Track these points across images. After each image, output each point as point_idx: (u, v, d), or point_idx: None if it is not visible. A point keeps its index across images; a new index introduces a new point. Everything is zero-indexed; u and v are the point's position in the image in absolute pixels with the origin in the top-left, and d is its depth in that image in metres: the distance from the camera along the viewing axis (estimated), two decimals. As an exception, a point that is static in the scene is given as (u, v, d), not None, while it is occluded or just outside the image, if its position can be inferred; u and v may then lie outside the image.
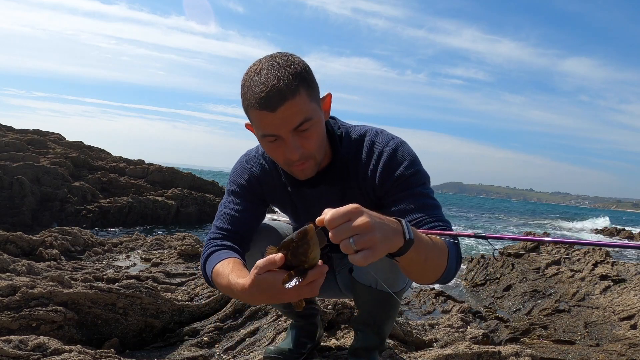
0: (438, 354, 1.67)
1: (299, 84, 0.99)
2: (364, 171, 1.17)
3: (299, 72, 1.00)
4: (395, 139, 1.17)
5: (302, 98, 0.99)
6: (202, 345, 2.00)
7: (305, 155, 1.05)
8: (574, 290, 3.95)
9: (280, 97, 0.96)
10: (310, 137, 1.04)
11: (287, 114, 0.98)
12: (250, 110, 1.02)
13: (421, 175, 1.13)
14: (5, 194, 7.74)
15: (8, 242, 3.12)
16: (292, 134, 1.01)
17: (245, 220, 1.25)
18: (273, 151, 1.07)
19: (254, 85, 0.99)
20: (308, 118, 1.01)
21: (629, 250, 12.27)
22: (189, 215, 10.36)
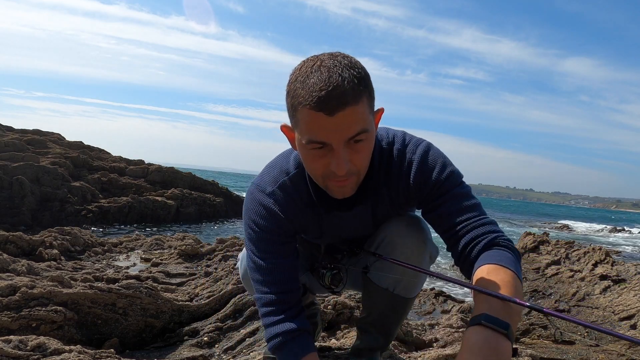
0: (438, 354, 1.67)
1: (364, 90, 0.88)
2: (396, 182, 1.10)
3: (363, 77, 0.89)
4: (422, 144, 1.10)
5: (363, 106, 0.89)
6: (202, 345, 2.00)
7: (351, 171, 0.94)
8: (574, 290, 3.95)
9: (341, 100, 0.85)
10: (361, 151, 0.93)
11: (346, 120, 0.87)
12: (300, 109, 0.88)
13: (456, 175, 1.07)
14: (5, 194, 7.73)
15: (8, 242, 3.12)
16: (344, 144, 0.90)
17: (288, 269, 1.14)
18: (314, 161, 0.94)
19: (311, 80, 0.86)
20: (365, 129, 0.90)
21: (629, 249, 12.28)
22: (188, 215, 10.36)
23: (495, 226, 1.02)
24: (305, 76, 0.88)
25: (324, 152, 0.92)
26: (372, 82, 0.93)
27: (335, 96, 0.84)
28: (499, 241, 0.98)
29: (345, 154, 0.91)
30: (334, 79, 0.85)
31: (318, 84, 0.85)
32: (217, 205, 11.27)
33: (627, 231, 21.02)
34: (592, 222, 34.09)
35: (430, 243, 1.21)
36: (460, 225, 1.01)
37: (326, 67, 0.87)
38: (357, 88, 0.86)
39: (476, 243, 0.98)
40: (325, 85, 0.85)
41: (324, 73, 0.86)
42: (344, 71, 0.86)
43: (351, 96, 0.85)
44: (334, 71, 0.86)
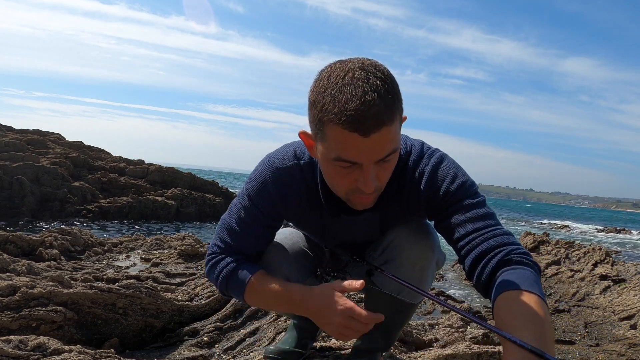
0: (438, 354, 1.67)
1: (397, 106, 0.84)
2: (407, 192, 1.08)
3: (396, 92, 0.84)
4: (436, 155, 1.07)
5: (396, 125, 0.84)
6: (202, 345, 2.00)
7: (377, 188, 0.93)
8: (574, 290, 3.95)
9: (378, 121, 0.80)
10: (388, 168, 0.91)
11: (380, 142, 0.82)
12: (329, 125, 0.83)
13: (468, 185, 1.03)
14: (5, 194, 7.73)
15: (8, 242, 3.12)
16: (374, 164, 0.87)
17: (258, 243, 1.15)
18: (340, 177, 0.90)
19: (343, 95, 0.80)
20: (395, 149, 0.87)
21: (629, 250, 12.29)
22: (188, 215, 10.36)
23: (510, 237, 0.96)
24: (337, 89, 0.81)
25: (351, 170, 0.88)
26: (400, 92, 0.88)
27: (371, 117, 0.79)
28: (512, 257, 0.90)
29: (373, 173, 0.88)
30: (370, 96, 0.79)
31: (352, 102, 0.79)
32: (217, 205, 11.27)
33: (627, 231, 21.03)
34: (592, 222, 34.09)
35: (437, 250, 1.20)
36: (470, 236, 0.96)
37: (360, 81, 0.80)
38: (392, 106, 0.82)
39: (489, 258, 0.92)
40: (360, 104, 0.78)
41: (359, 88, 0.79)
42: (378, 87, 0.80)
43: (387, 116, 0.81)
44: (368, 86, 0.80)
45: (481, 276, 0.92)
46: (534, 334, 0.71)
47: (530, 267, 0.90)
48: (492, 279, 0.91)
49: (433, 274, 1.23)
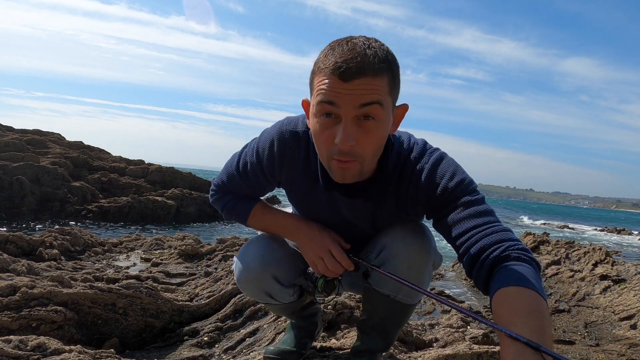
0: (438, 354, 1.67)
1: (386, 68, 0.88)
2: (405, 190, 1.09)
3: (389, 60, 0.90)
4: (435, 154, 1.08)
5: (382, 81, 0.88)
6: (202, 345, 2.00)
7: (354, 153, 0.92)
8: (574, 290, 3.95)
9: (360, 68, 0.85)
10: (369, 132, 0.91)
11: (360, 88, 0.86)
12: (317, 74, 0.90)
13: (466, 183, 1.03)
14: (5, 194, 7.74)
15: (8, 242, 3.12)
16: (353, 118, 0.89)
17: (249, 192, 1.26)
18: (322, 132, 0.93)
19: (335, 51, 0.88)
20: (378, 101, 0.88)
21: (629, 250, 12.29)
22: (189, 215, 10.37)
23: (509, 233, 0.95)
24: (332, 48, 0.89)
25: (332, 122, 0.91)
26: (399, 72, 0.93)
27: (354, 64, 0.85)
28: (511, 252, 0.90)
29: (352, 129, 0.89)
30: (358, 50, 0.86)
31: (341, 54, 0.86)
32: (217, 205, 11.26)
33: (627, 231, 21.03)
34: (592, 222, 34.08)
35: (434, 251, 1.20)
36: (469, 234, 0.96)
37: (353, 43, 0.88)
38: (378, 63, 0.87)
39: (487, 254, 0.91)
40: (347, 54, 0.86)
41: (350, 45, 0.87)
42: (369, 48, 0.87)
43: (370, 68, 0.86)
44: (360, 46, 0.87)
45: (480, 273, 0.92)
46: (530, 328, 0.72)
47: (529, 263, 0.89)
48: (490, 275, 0.91)
49: (430, 275, 1.23)
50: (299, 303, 1.43)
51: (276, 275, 1.25)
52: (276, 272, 1.25)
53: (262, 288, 1.28)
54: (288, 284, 1.30)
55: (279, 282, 1.28)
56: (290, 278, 1.29)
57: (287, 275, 1.28)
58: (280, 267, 1.26)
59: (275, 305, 1.40)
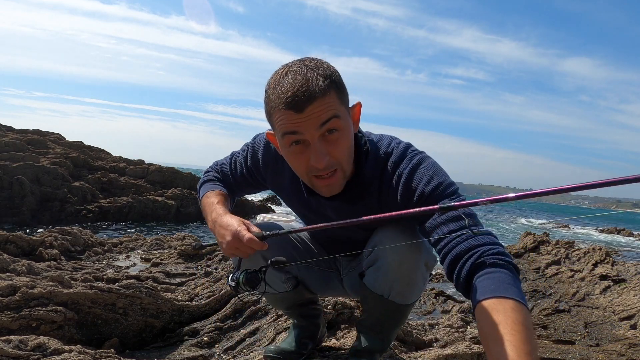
0: (438, 354, 1.67)
1: (330, 84, 0.94)
2: (386, 192, 1.10)
3: (329, 75, 0.96)
4: (417, 157, 1.09)
5: (331, 98, 0.94)
6: (202, 345, 2.00)
7: (331, 164, 0.99)
8: (574, 290, 3.95)
9: (308, 97, 0.92)
10: (337, 142, 0.97)
11: (315, 112, 0.93)
12: (274, 112, 0.97)
13: (444, 186, 1.03)
14: (5, 194, 7.73)
15: (8, 242, 3.12)
16: (319, 138, 0.95)
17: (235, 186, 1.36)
18: (296, 159, 1.00)
19: (280, 86, 0.95)
20: (335, 115, 0.95)
21: (628, 250, 12.29)
22: (188, 215, 10.36)
23: (485, 237, 0.95)
24: (276, 83, 0.96)
25: (302, 149, 0.98)
26: (342, 79, 1.00)
27: (302, 94, 0.92)
28: (485, 259, 0.90)
29: (321, 147, 0.96)
30: (299, 80, 0.93)
31: (286, 88, 0.93)
32: (217, 205, 11.27)
33: (627, 232, 21.03)
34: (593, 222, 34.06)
35: (426, 251, 1.19)
36: (446, 239, 0.97)
37: (292, 72, 0.95)
38: (322, 84, 0.93)
39: (463, 262, 0.92)
40: (291, 87, 0.92)
41: (290, 76, 0.94)
42: (308, 72, 0.94)
43: (317, 91, 0.92)
44: (300, 73, 0.94)
45: (458, 282, 0.94)
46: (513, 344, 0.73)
47: (506, 267, 0.89)
48: (468, 285, 0.92)
49: (424, 275, 1.22)
50: (295, 296, 1.46)
51: (265, 255, 1.28)
52: (266, 254, 1.27)
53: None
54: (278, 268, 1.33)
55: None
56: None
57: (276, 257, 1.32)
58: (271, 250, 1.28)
59: (272, 296, 1.44)
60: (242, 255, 1.10)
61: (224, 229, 1.10)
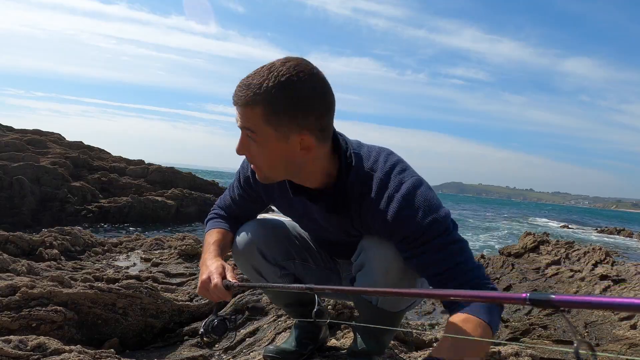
0: (438, 354, 1.66)
1: (259, 101, 0.95)
2: (371, 213, 1.07)
3: (268, 92, 0.94)
4: (408, 181, 1.05)
5: (253, 112, 0.97)
6: (202, 345, 2.00)
7: (251, 161, 1.08)
8: (574, 290, 3.95)
9: (237, 99, 0.99)
10: (253, 148, 1.03)
11: (239, 113, 1.01)
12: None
13: (440, 222, 1.01)
14: (5, 194, 7.73)
15: (8, 242, 3.12)
16: (243, 133, 1.03)
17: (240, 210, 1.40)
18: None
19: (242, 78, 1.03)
20: (248, 128, 1.00)
21: (628, 250, 12.28)
22: (189, 215, 10.36)
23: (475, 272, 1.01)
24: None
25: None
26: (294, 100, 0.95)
27: (237, 93, 0.98)
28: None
29: (243, 138, 1.03)
30: (244, 82, 0.98)
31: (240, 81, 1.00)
32: (217, 205, 11.26)
33: (627, 232, 21.02)
34: (592, 222, 34.06)
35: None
36: (438, 278, 1.02)
37: (253, 73, 0.99)
38: (252, 96, 0.96)
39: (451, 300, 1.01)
40: (239, 84, 0.99)
41: (250, 74, 0.99)
42: (255, 78, 0.96)
43: (240, 99, 0.97)
44: (251, 76, 0.98)
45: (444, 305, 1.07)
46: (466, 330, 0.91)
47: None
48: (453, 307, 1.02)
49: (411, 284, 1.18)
50: (293, 293, 1.47)
51: (261, 249, 1.35)
52: (262, 246, 1.35)
53: (251, 262, 1.37)
54: (274, 262, 1.38)
55: (264, 258, 1.36)
56: (275, 256, 1.38)
57: (273, 252, 1.37)
58: (267, 243, 1.35)
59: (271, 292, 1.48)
60: (209, 298, 1.18)
61: (204, 269, 1.18)
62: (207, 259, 1.23)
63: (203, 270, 1.18)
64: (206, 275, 1.15)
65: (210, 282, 1.13)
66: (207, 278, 1.14)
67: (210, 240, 1.31)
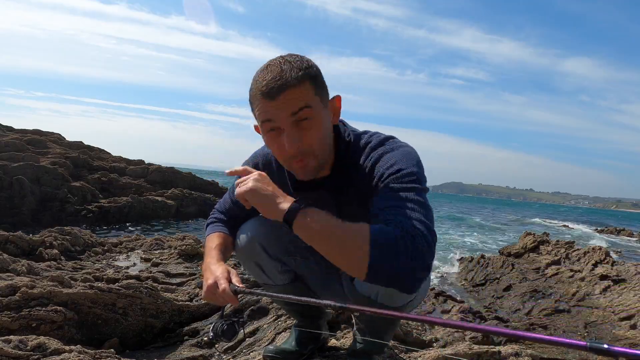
0: (438, 354, 1.67)
1: (304, 76, 1.00)
2: (362, 177, 1.13)
3: (305, 68, 1.01)
4: (393, 146, 1.12)
5: (305, 87, 1.00)
6: (202, 345, 2.00)
7: (303, 151, 1.04)
8: (574, 290, 3.95)
9: (281, 86, 0.98)
10: (310, 129, 1.03)
11: (287, 99, 0.99)
12: (254, 101, 1.04)
13: (406, 175, 1.04)
14: (5, 194, 7.73)
15: (8, 242, 3.12)
16: (291, 125, 1.01)
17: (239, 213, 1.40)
18: (272, 143, 1.07)
19: (259, 77, 1.02)
20: (307, 105, 1.01)
21: (628, 250, 12.27)
22: (189, 215, 10.36)
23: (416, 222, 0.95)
24: (256, 75, 1.04)
25: (277, 134, 1.05)
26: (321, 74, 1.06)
27: (275, 83, 0.98)
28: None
29: (294, 133, 1.02)
30: (275, 70, 1.00)
31: (263, 78, 1.00)
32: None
33: (626, 232, 21.01)
34: (592, 221, 34.06)
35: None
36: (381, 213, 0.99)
37: (271, 64, 1.02)
38: (296, 75, 0.99)
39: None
40: (268, 77, 1.00)
41: (269, 69, 1.01)
42: (284, 64, 1.00)
43: (290, 81, 0.98)
44: (276, 65, 1.01)
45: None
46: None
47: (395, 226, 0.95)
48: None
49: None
50: (292, 291, 1.46)
51: (264, 244, 1.36)
52: (264, 241, 1.36)
53: (253, 258, 1.38)
54: (275, 257, 1.39)
55: (266, 253, 1.37)
56: (277, 250, 1.39)
57: (274, 247, 1.38)
58: (268, 238, 1.37)
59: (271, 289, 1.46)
60: (216, 303, 1.16)
61: (209, 274, 1.17)
62: (210, 263, 1.22)
63: (207, 276, 1.18)
64: (212, 280, 1.14)
65: (217, 287, 1.12)
66: (213, 283, 1.13)
67: (211, 244, 1.32)
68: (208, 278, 1.16)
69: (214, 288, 1.12)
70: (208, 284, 1.14)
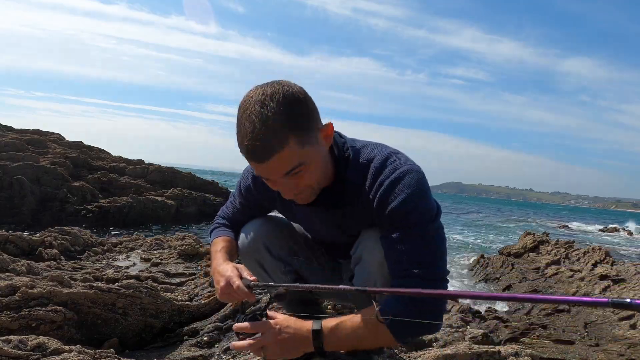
0: (438, 354, 1.67)
1: (288, 133, 0.93)
2: (366, 199, 1.11)
3: (287, 115, 0.93)
4: (402, 168, 1.07)
5: (291, 148, 0.94)
6: (201, 345, 2.00)
7: (300, 191, 1.05)
8: (574, 290, 3.95)
9: (266, 152, 0.93)
10: (304, 176, 1.01)
11: (276, 164, 0.96)
12: (240, 152, 1.00)
13: (419, 213, 1.04)
14: (5, 194, 7.73)
15: (8, 242, 3.11)
16: (284, 177, 1.00)
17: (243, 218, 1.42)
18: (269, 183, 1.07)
19: (241, 129, 0.95)
20: (301, 163, 0.98)
21: (628, 250, 12.29)
22: (188, 215, 10.36)
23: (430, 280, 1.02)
24: (238, 124, 0.97)
25: (272, 182, 1.04)
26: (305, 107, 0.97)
27: (259, 149, 0.93)
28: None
29: (288, 184, 1.02)
30: (257, 129, 0.91)
31: (245, 135, 0.94)
32: (217, 205, 11.24)
33: (626, 230, 21.02)
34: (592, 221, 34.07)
35: None
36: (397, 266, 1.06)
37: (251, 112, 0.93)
38: (279, 134, 0.92)
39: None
40: (250, 137, 0.93)
41: (249, 121, 0.93)
42: (268, 119, 0.91)
43: (275, 145, 0.93)
44: (257, 116, 0.92)
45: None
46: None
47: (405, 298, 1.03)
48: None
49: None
50: (295, 291, 1.46)
51: (267, 244, 1.36)
52: (267, 241, 1.36)
53: (255, 257, 1.37)
54: (278, 257, 1.39)
55: (269, 252, 1.37)
56: (279, 251, 1.39)
57: (277, 247, 1.38)
58: (271, 238, 1.38)
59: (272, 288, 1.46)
60: (233, 301, 1.18)
61: (219, 276, 1.17)
62: (217, 265, 1.22)
63: (218, 278, 1.18)
64: (224, 280, 1.14)
65: (230, 286, 1.12)
66: (226, 283, 1.13)
67: (216, 248, 1.32)
68: (219, 280, 1.16)
69: (228, 287, 1.12)
70: (221, 285, 1.14)
